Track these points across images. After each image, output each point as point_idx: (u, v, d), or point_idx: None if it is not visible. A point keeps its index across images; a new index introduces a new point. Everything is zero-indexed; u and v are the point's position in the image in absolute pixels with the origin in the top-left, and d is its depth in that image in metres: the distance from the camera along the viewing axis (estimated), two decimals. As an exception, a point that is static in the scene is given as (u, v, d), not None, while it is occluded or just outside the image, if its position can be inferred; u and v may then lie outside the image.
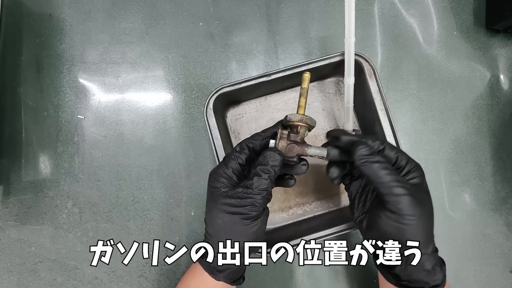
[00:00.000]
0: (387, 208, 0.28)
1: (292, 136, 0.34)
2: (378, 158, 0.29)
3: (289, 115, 0.34)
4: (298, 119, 0.34)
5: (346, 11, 0.37)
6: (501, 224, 0.48)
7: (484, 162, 0.49)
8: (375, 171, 0.28)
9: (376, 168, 0.28)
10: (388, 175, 0.28)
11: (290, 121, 0.34)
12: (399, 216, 0.28)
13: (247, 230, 0.31)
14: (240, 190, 0.31)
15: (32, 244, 0.48)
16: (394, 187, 0.28)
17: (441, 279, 0.31)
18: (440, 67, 0.50)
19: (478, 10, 0.50)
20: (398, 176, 0.29)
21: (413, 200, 0.28)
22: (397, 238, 0.29)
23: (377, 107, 0.42)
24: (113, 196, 0.48)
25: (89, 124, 0.49)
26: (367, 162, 0.28)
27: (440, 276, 0.31)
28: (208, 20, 0.50)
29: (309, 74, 0.36)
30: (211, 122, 0.41)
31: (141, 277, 0.47)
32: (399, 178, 0.29)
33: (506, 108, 0.49)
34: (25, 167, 0.48)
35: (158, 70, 0.49)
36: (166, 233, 0.47)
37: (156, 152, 0.48)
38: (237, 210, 0.30)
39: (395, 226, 0.28)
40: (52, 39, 0.50)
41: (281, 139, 0.33)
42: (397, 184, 0.28)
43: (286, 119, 0.34)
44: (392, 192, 0.28)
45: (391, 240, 0.30)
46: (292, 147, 0.33)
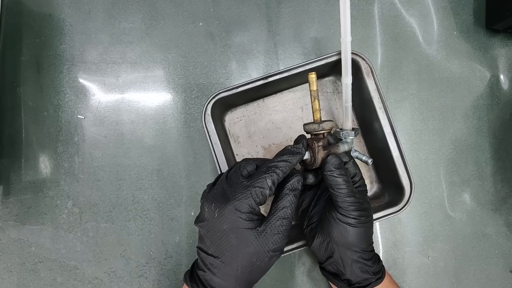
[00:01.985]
0: (339, 212, 0.33)
1: (321, 142, 0.34)
2: (343, 171, 0.33)
3: (321, 125, 0.34)
4: (331, 126, 0.35)
5: (341, 11, 0.37)
6: (501, 224, 0.48)
7: (484, 162, 0.49)
8: (338, 182, 0.32)
9: (339, 180, 0.32)
10: (347, 187, 0.33)
11: (324, 130, 0.35)
12: (348, 218, 0.33)
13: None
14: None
15: (32, 244, 0.48)
16: (350, 196, 0.33)
17: (382, 271, 0.36)
18: (440, 67, 0.50)
19: (478, 10, 0.50)
20: (354, 188, 0.34)
21: (361, 207, 0.33)
22: (344, 241, 0.33)
23: (376, 105, 0.42)
24: (113, 196, 0.48)
25: (89, 124, 0.49)
26: (334, 173, 0.33)
27: (381, 268, 0.36)
28: (208, 20, 0.50)
29: (315, 74, 0.36)
30: (209, 128, 0.41)
31: (141, 277, 0.47)
32: (354, 190, 0.34)
33: (506, 108, 0.49)
34: (25, 167, 0.48)
35: (158, 70, 0.49)
36: (166, 233, 0.47)
37: (156, 152, 0.48)
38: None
39: (344, 229, 0.33)
40: (52, 39, 0.50)
41: (318, 152, 0.33)
42: (353, 194, 0.33)
43: (318, 129, 0.35)
44: (347, 200, 0.33)
45: (338, 244, 0.34)
46: (331, 154, 0.34)
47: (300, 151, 0.32)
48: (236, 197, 0.28)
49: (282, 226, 0.29)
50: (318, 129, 0.35)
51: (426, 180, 0.48)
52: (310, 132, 0.36)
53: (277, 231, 0.28)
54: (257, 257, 0.28)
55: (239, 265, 0.28)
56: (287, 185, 0.31)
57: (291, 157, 0.31)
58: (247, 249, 0.28)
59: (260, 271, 0.30)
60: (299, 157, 0.32)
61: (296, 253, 0.47)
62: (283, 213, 0.29)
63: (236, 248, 0.28)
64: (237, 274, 0.28)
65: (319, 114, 0.36)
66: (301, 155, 0.32)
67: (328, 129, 0.35)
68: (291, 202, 0.30)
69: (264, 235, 0.28)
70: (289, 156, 0.31)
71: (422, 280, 0.47)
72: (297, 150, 0.32)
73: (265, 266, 0.29)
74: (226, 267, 0.28)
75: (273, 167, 0.29)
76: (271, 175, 0.29)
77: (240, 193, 0.28)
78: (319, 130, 0.35)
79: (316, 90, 0.36)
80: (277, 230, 0.28)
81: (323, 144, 0.34)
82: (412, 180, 0.41)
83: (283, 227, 0.29)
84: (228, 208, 0.28)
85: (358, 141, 0.47)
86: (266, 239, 0.28)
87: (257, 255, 0.28)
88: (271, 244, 0.28)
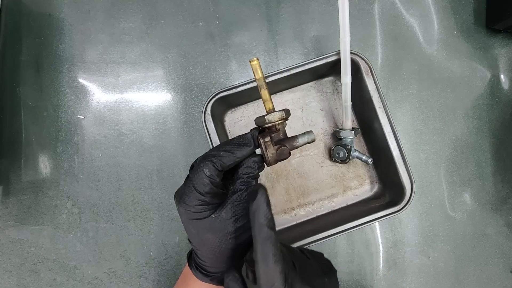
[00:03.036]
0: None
1: (274, 136, 0.31)
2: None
3: (266, 116, 0.30)
4: (279, 117, 0.30)
5: (340, 10, 0.37)
6: (501, 224, 0.48)
7: (485, 162, 0.48)
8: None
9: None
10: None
11: (270, 122, 0.30)
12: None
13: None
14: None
15: (31, 244, 0.47)
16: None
17: None
18: (440, 67, 0.49)
19: (478, 10, 0.50)
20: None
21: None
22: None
23: (375, 104, 0.42)
24: (113, 196, 0.48)
25: (89, 124, 0.49)
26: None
27: None
28: (208, 20, 0.50)
29: (257, 60, 0.31)
30: (209, 127, 0.41)
31: (141, 277, 0.47)
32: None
33: (506, 108, 0.49)
34: (25, 167, 0.48)
35: (158, 70, 0.49)
36: (166, 233, 0.47)
37: (156, 152, 0.48)
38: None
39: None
40: (51, 39, 0.50)
41: (267, 148, 0.30)
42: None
43: (265, 121, 0.31)
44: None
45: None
46: (283, 149, 0.30)
47: (247, 142, 0.29)
48: (184, 191, 0.29)
49: (238, 208, 0.29)
50: (265, 122, 0.30)
51: (426, 180, 0.48)
52: (260, 126, 0.32)
53: (233, 214, 0.29)
54: (219, 241, 0.29)
55: (207, 249, 0.30)
56: (240, 168, 0.30)
57: (236, 148, 0.29)
58: (206, 236, 0.29)
59: (235, 250, 0.30)
60: (246, 150, 0.29)
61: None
62: (237, 197, 0.29)
63: (196, 236, 0.29)
64: (209, 256, 0.30)
65: (270, 105, 0.32)
66: (248, 148, 0.29)
67: (276, 121, 0.30)
68: (245, 183, 0.29)
69: (220, 220, 0.28)
70: (233, 146, 0.29)
71: (422, 280, 0.47)
72: (243, 141, 0.29)
73: (237, 245, 0.30)
74: (199, 251, 0.30)
75: (211, 156, 0.29)
76: (207, 165, 0.28)
77: (186, 187, 0.29)
78: (266, 123, 0.30)
79: (261, 78, 0.31)
80: (232, 213, 0.29)
81: (276, 138, 0.30)
82: (412, 179, 0.41)
83: (239, 209, 0.29)
84: (179, 203, 0.29)
85: (358, 140, 0.47)
86: (223, 223, 0.28)
87: (219, 239, 0.29)
88: (230, 226, 0.29)
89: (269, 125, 0.31)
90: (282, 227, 0.46)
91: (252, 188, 0.30)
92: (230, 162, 0.29)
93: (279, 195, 0.47)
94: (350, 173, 0.47)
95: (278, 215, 0.46)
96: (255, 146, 0.30)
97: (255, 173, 0.30)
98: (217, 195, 0.29)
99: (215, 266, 0.31)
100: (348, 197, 0.47)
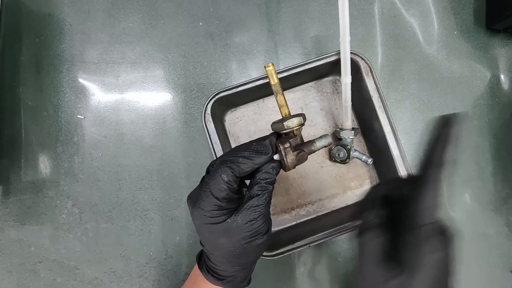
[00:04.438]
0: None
1: (292, 142, 0.31)
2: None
3: (285, 123, 0.31)
4: (297, 123, 0.31)
5: (340, 10, 0.37)
6: (502, 224, 0.48)
7: (485, 162, 0.48)
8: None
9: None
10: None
11: (289, 128, 0.30)
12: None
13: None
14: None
15: (31, 244, 0.47)
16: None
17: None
18: (440, 67, 0.49)
19: (478, 10, 0.50)
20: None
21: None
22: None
23: (375, 104, 0.42)
24: (113, 196, 0.48)
25: (88, 124, 0.49)
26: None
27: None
28: (208, 20, 0.50)
29: (272, 65, 0.31)
30: (209, 127, 0.41)
31: (141, 278, 0.47)
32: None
33: (506, 108, 0.49)
34: (25, 167, 0.48)
35: (158, 70, 0.49)
36: (166, 234, 0.47)
37: (156, 152, 0.48)
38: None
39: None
40: (51, 39, 0.50)
41: (287, 154, 0.29)
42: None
43: (283, 127, 0.31)
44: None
45: None
46: (303, 155, 0.30)
47: (265, 150, 0.29)
48: (200, 195, 0.29)
49: (254, 213, 0.29)
50: (283, 128, 0.30)
51: (426, 180, 0.48)
52: (278, 132, 0.32)
53: (249, 219, 0.29)
54: (233, 246, 0.29)
55: (220, 253, 0.30)
56: (258, 174, 0.30)
57: (254, 155, 0.29)
58: (220, 241, 0.29)
59: (248, 255, 0.30)
60: (264, 157, 0.29)
61: (296, 253, 0.47)
62: (254, 202, 0.29)
63: (210, 240, 0.30)
64: (222, 260, 0.30)
65: (286, 110, 0.31)
66: (266, 156, 0.29)
67: (294, 127, 0.30)
68: (263, 189, 0.29)
69: (235, 225, 0.28)
70: (251, 153, 0.29)
71: (423, 280, 0.47)
72: (261, 149, 0.29)
73: (251, 249, 0.30)
74: (212, 255, 0.30)
75: (229, 161, 0.28)
76: (225, 170, 0.28)
77: (202, 192, 0.29)
78: (284, 129, 0.30)
79: (277, 84, 0.31)
80: (248, 218, 0.29)
81: (294, 144, 0.31)
82: (412, 180, 0.41)
83: (255, 214, 0.29)
84: (194, 207, 0.29)
85: (358, 140, 0.47)
86: (237, 229, 0.28)
87: (233, 244, 0.29)
88: (244, 232, 0.29)
89: (287, 131, 0.31)
90: (282, 227, 0.46)
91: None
92: (249, 169, 0.29)
93: (279, 195, 0.47)
94: (350, 173, 0.47)
95: (278, 216, 0.46)
96: (273, 152, 0.30)
97: (273, 179, 0.30)
98: (232, 200, 0.29)
99: (227, 270, 0.31)
100: (348, 197, 0.47)
